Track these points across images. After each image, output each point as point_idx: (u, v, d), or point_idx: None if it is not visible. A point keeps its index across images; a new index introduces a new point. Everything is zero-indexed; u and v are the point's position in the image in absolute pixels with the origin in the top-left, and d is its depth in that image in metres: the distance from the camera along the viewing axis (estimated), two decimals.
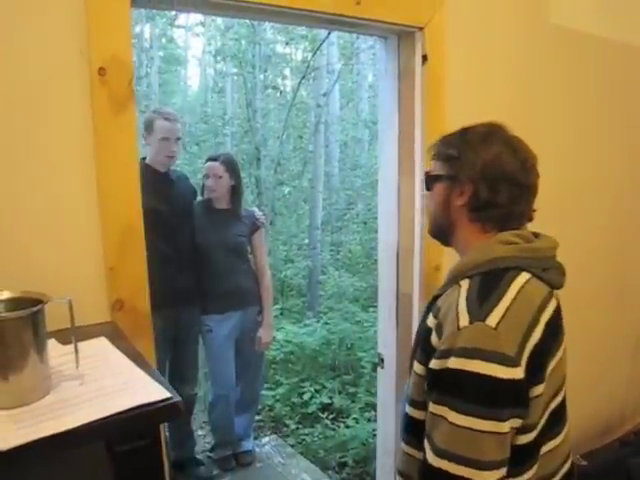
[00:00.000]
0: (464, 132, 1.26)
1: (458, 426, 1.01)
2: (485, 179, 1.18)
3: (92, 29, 1.30)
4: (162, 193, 2.85)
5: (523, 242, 1.18)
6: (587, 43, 2.41)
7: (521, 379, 1.02)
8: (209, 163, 3.11)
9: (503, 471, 1.03)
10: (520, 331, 1.05)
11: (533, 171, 1.21)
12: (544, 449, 1.14)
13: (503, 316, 1.04)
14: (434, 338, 1.13)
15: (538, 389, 1.07)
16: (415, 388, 1.20)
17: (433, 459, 1.05)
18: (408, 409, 1.23)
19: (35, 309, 0.93)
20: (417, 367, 1.20)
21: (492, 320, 1.04)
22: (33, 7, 1.24)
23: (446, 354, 1.05)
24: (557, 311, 1.17)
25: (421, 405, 1.15)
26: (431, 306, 1.22)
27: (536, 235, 1.24)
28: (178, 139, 2.91)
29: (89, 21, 1.29)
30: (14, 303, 0.97)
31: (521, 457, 1.08)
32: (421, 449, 1.10)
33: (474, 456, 1.00)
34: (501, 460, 1.02)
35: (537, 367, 1.06)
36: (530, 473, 1.10)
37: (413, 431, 1.20)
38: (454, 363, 1.03)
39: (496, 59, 2.13)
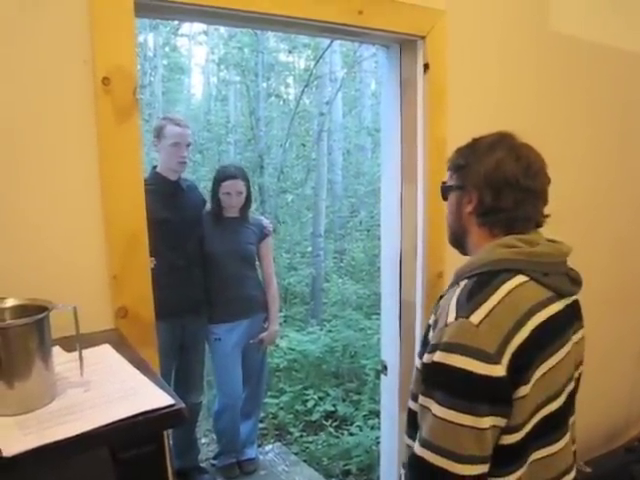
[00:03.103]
0: (474, 142, 1.30)
1: (440, 418, 1.05)
2: (488, 185, 1.22)
3: (96, 39, 1.31)
4: (173, 202, 2.89)
5: (526, 246, 1.19)
6: (587, 50, 2.41)
7: (501, 377, 1.04)
8: (231, 181, 3.07)
9: (482, 468, 1.05)
10: (503, 330, 1.07)
11: (539, 176, 1.24)
12: (536, 455, 1.15)
13: (487, 315, 1.07)
14: (431, 334, 1.17)
15: (523, 390, 1.08)
16: (415, 382, 1.24)
17: (418, 448, 1.09)
18: (410, 402, 1.27)
19: (40, 316, 0.94)
20: (417, 362, 1.24)
21: (475, 318, 1.07)
22: (37, 17, 1.25)
23: (434, 348, 1.10)
24: (558, 317, 1.17)
25: (417, 397, 1.18)
26: (435, 305, 1.26)
27: (551, 241, 1.25)
28: (188, 145, 2.93)
29: (93, 31, 1.30)
30: (19, 310, 0.98)
31: (505, 458, 1.09)
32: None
33: (452, 448, 1.03)
34: (480, 456, 1.04)
35: (521, 368, 1.08)
36: (515, 476, 1.11)
37: (412, 423, 1.23)
38: (438, 357, 1.08)
39: (498, 67, 2.14)
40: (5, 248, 1.26)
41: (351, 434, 4.20)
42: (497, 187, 1.21)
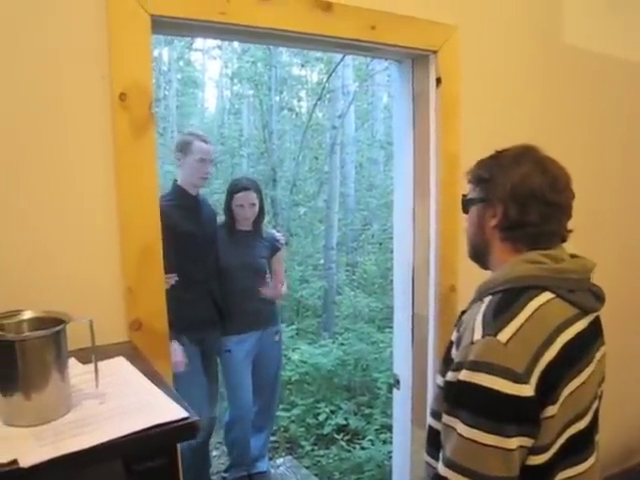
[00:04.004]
0: (497, 155, 1.28)
1: (465, 438, 1.03)
2: (514, 199, 1.20)
3: (114, 55, 1.34)
4: (194, 216, 2.92)
5: (551, 262, 1.17)
6: (598, 62, 2.42)
7: (529, 397, 1.02)
8: (243, 193, 3.09)
9: None
10: (531, 349, 1.05)
11: (565, 191, 1.22)
12: (562, 475, 1.12)
13: (515, 333, 1.05)
14: (453, 351, 1.16)
15: (551, 410, 1.06)
16: (436, 400, 1.23)
17: (442, 468, 1.07)
18: (430, 420, 1.26)
19: (57, 329, 0.95)
20: (438, 379, 1.22)
21: (503, 336, 1.04)
22: (57, 34, 1.28)
23: (459, 367, 1.08)
24: (584, 334, 1.15)
25: (439, 416, 1.16)
26: (458, 321, 1.24)
27: (573, 257, 1.24)
28: (212, 161, 2.97)
29: (111, 47, 1.33)
30: (37, 322, 1.00)
31: (530, 479, 1.07)
32: (439, 459, 1.12)
33: (478, 469, 1.01)
34: (507, 477, 1.02)
35: (550, 387, 1.06)
36: None
37: (433, 441, 1.21)
38: (463, 375, 1.05)
39: (511, 81, 2.14)
40: (23, 261, 1.28)
41: (363, 448, 4.17)
42: (523, 201, 1.19)
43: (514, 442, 1.01)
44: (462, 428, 1.04)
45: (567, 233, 1.26)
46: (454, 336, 1.20)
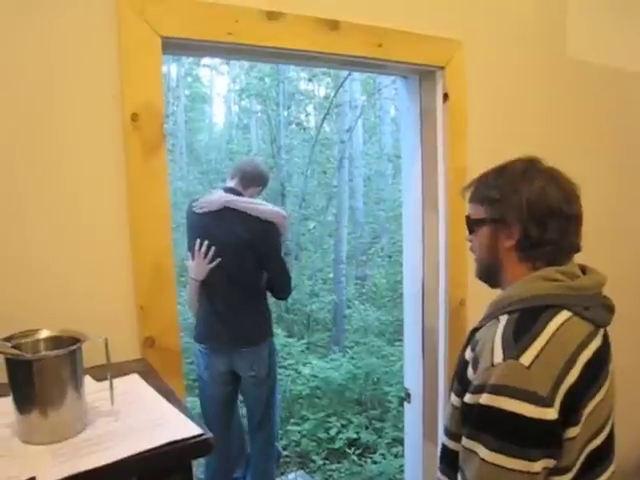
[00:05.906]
0: (501, 171, 1.24)
1: (488, 462, 1.01)
2: (533, 217, 1.16)
3: (125, 76, 1.36)
4: None
5: (567, 279, 1.15)
6: (604, 75, 2.43)
7: (553, 420, 1.00)
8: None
9: None
10: (554, 371, 1.04)
11: (577, 201, 1.20)
12: None
13: (537, 355, 1.03)
14: (470, 371, 1.13)
15: (573, 431, 1.04)
16: (451, 419, 1.21)
17: None
18: (444, 439, 1.24)
19: (73, 347, 0.97)
20: (453, 399, 1.20)
21: (526, 359, 1.03)
22: (70, 54, 1.31)
23: (479, 390, 1.06)
24: (600, 350, 1.14)
25: (456, 437, 1.15)
26: (470, 339, 1.22)
27: (583, 269, 1.22)
28: None
29: (122, 68, 1.35)
30: (53, 341, 1.02)
31: None
32: (454, 479, 1.11)
33: None
34: None
35: (572, 409, 1.04)
36: None
37: (448, 461, 1.20)
38: (485, 399, 1.03)
39: (517, 95, 2.15)
40: (39, 280, 1.30)
41: (374, 462, 4.16)
42: (542, 219, 1.15)
43: (539, 465, 1.00)
44: (485, 453, 1.02)
45: (580, 242, 1.23)
46: (468, 355, 1.17)
